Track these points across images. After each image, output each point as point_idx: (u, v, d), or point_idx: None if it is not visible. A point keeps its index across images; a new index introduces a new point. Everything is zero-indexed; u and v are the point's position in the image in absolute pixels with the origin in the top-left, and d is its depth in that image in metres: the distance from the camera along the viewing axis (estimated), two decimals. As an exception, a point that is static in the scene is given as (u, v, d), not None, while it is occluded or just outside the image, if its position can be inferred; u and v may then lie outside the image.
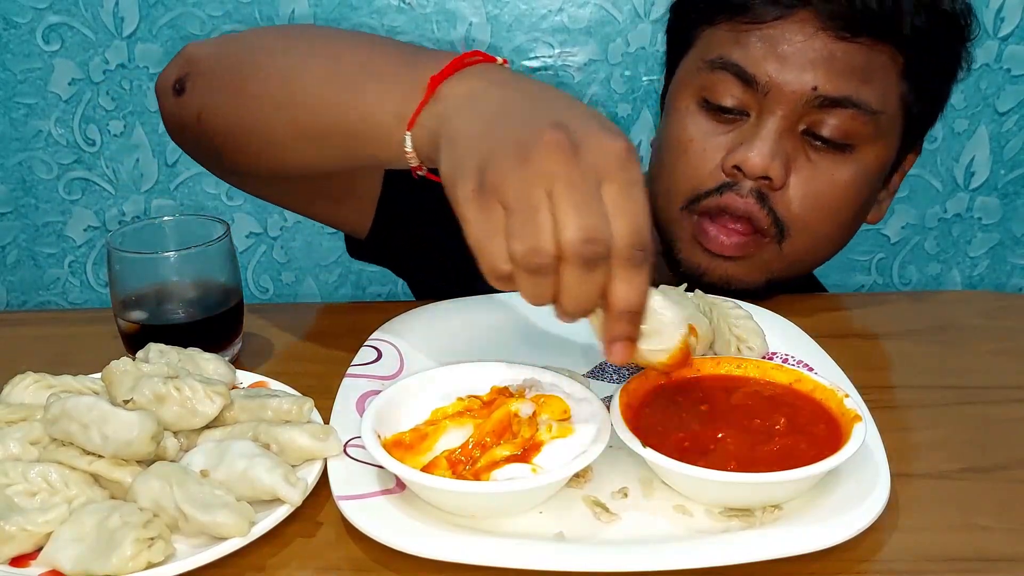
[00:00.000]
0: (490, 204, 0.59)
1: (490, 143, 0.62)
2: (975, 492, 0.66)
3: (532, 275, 0.58)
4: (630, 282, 0.59)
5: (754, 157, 0.90)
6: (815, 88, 0.90)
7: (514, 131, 0.61)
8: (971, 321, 0.95)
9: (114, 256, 0.81)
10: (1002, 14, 1.67)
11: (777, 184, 0.92)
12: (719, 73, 0.93)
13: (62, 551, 0.57)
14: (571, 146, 0.59)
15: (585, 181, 0.58)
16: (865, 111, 0.90)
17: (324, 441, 0.65)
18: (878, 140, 0.93)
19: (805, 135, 0.93)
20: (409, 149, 0.71)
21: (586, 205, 0.58)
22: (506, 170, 0.59)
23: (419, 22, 1.67)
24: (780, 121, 0.91)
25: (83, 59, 1.70)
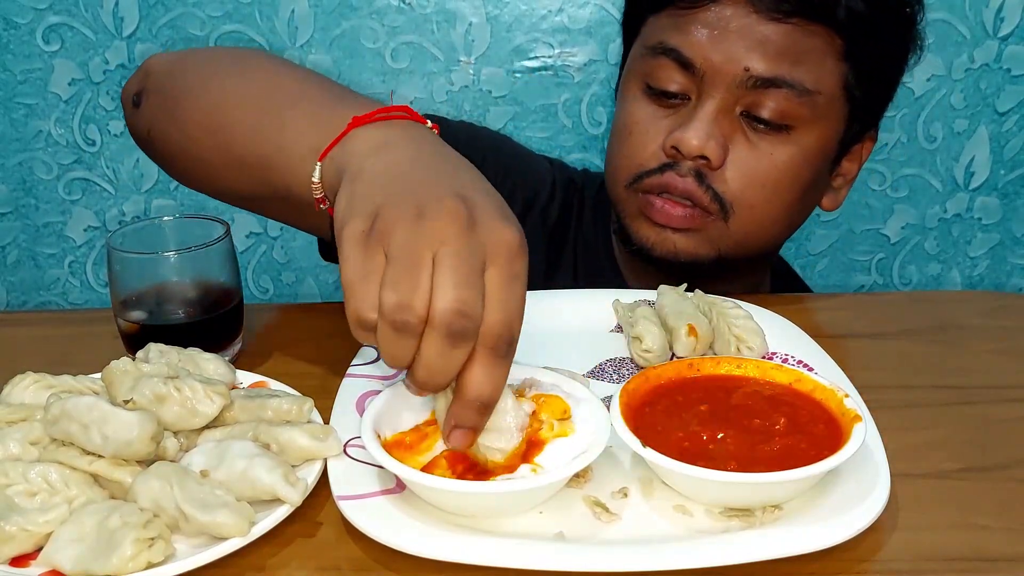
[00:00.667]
0: (373, 249, 0.59)
1: (391, 191, 0.62)
2: (975, 492, 0.66)
3: (394, 331, 0.57)
4: (489, 371, 0.59)
5: (690, 138, 0.93)
6: (747, 69, 0.92)
7: (418, 186, 0.61)
8: (971, 321, 0.95)
9: (114, 256, 0.81)
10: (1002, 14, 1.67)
11: (715, 163, 0.94)
12: (660, 59, 0.97)
13: (62, 551, 0.57)
14: (468, 220, 0.59)
15: (472, 257, 0.58)
16: (799, 91, 0.92)
17: (324, 441, 0.65)
18: (817, 121, 0.95)
19: (744, 117, 0.95)
20: (316, 179, 0.72)
21: (466, 279, 0.57)
22: (398, 220, 0.59)
23: (419, 22, 1.67)
24: (717, 103, 0.94)
25: (83, 59, 1.70)
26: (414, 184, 0.62)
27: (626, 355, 0.85)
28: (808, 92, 0.93)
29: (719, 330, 0.83)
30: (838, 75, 0.95)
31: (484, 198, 0.62)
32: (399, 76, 1.69)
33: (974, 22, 1.67)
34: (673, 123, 0.96)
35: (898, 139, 1.76)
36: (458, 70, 1.70)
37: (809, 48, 0.93)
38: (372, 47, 1.68)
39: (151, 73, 0.91)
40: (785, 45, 0.92)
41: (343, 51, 1.67)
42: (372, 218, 0.60)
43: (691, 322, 0.81)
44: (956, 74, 1.71)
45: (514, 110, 1.72)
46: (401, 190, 0.61)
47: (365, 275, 0.58)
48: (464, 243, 0.58)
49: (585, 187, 1.17)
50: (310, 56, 1.67)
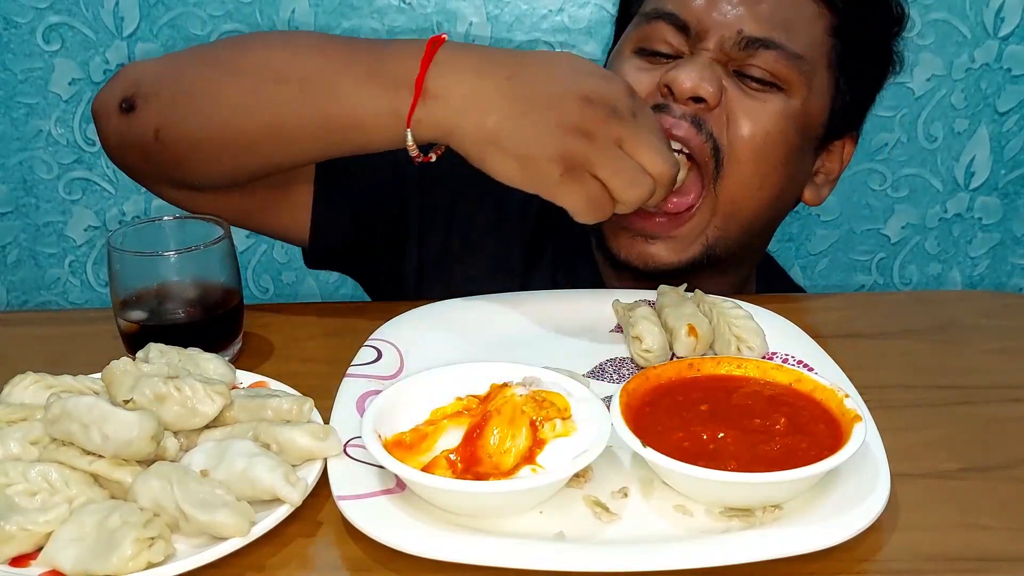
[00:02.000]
0: (581, 178, 0.77)
1: (542, 133, 0.77)
2: (975, 491, 0.66)
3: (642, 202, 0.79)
4: None
5: (683, 78, 0.93)
6: (740, 31, 0.94)
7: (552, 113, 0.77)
8: (971, 321, 0.94)
9: (114, 256, 0.81)
10: (1002, 14, 1.67)
11: (712, 102, 0.93)
12: (654, 23, 0.98)
13: (62, 551, 0.57)
14: (606, 109, 0.77)
15: (636, 127, 0.78)
16: (788, 53, 0.94)
17: (324, 441, 0.65)
18: (804, 87, 0.97)
19: (735, 75, 0.96)
20: (411, 142, 0.82)
21: (653, 144, 0.79)
22: (584, 151, 0.76)
23: (419, 22, 1.67)
24: (711, 55, 0.95)
25: (83, 59, 1.70)
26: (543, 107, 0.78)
27: (626, 355, 0.85)
28: (797, 56, 0.95)
29: (719, 330, 0.83)
30: (826, 48, 0.97)
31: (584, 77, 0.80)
32: (399, 76, 1.69)
33: (974, 22, 1.67)
34: (665, 71, 0.96)
35: (898, 139, 1.76)
36: (458, 70, 1.70)
37: (801, 16, 0.96)
38: (372, 47, 1.68)
39: (141, 80, 0.92)
40: (777, 9, 0.95)
41: (343, 51, 1.67)
42: (555, 162, 0.77)
43: (691, 322, 0.81)
44: (956, 74, 1.71)
45: (514, 110, 1.72)
46: (546, 120, 0.77)
47: (590, 196, 0.78)
48: (627, 128, 0.78)
49: None
50: (310, 56, 1.67)
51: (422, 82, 0.79)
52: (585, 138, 0.76)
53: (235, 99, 0.86)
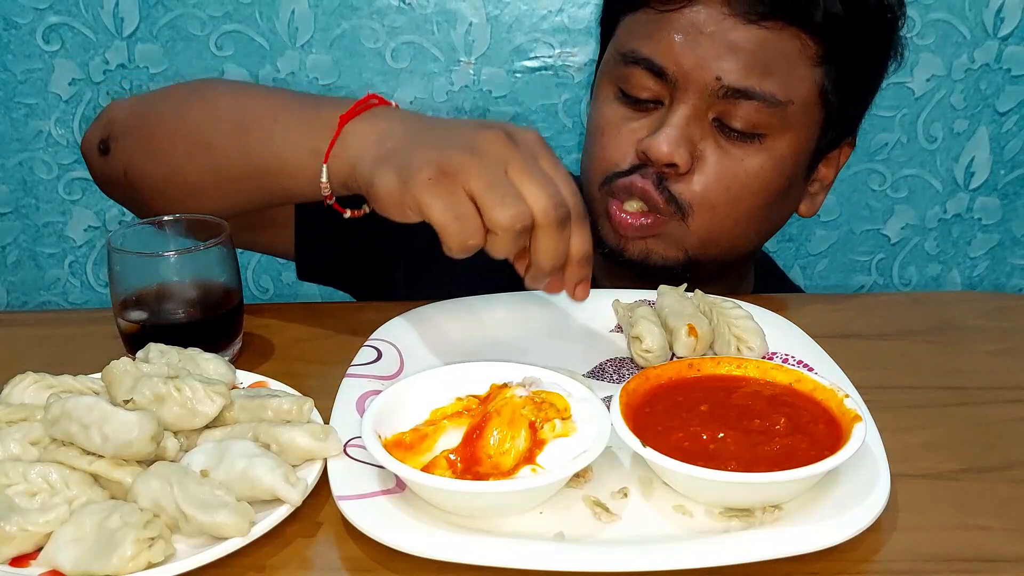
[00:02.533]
0: (450, 189, 0.71)
1: (430, 146, 0.74)
2: (974, 492, 0.66)
3: (515, 236, 0.71)
4: (582, 234, 0.75)
5: (660, 144, 0.92)
6: (718, 78, 0.91)
7: (448, 134, 0.75)
8: (971, 321, 0.95)
9: (114, 256, 0.81)
10: (1002, 14, 1.67)
11: (682, 169, 0.93)
12: (632, 67, 0.96)
13: (62, 551, 0.57)
14: (507, 137, 0.74)
15: (532, 160, 0.74)
16: (769, 103, 0.92)
17: (324, 441, 0.65)
18: (789, 130, 0.94)
19: (715, 124, 0.94)
20: (324, 180, 0.82)
21: (543, 179, 0.73)
22: (463, 160, 0.71)
23: (419, 22, 1.67)
24: (689, 109, 0.93)
25: (83, 59, 1.70)
26: (443, 134, 0.76)
27: (626, 355, 0.85)
28: (779, 103, 0.92)
29: (719, 330, 0.83)
30: (812, 82, 0.94)
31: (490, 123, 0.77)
32: (399, 76, 1.69)
33: (974, 22, 1.67)
34: (645, 127, 0.96)
35: (898, 139, 1.76)
36: (458, 70, 1.70)
37: (782, 55, 0.92)
38: (372, 47, 1.68)
39: (114, 120, 0.97)
40: (757, 53, 0.91)
41: (343, 51, 1.67)
42: (431, 166, 0.72)
43: (691, 322, 0.81)
44: (956, 74, 1.71)
45: (514, 110, 1.72)
46: (438, 141, 0.74)
47: (458, 211, 0.71)
48: (519, 155, 0.74)
49: None
50: (310, 56, 1.67)
51: (345, 122, 0.80)
52: (467, 151, 0.72)
53: (183, 145, 0.91)
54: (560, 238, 0.73)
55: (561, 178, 0.75)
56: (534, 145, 0.76)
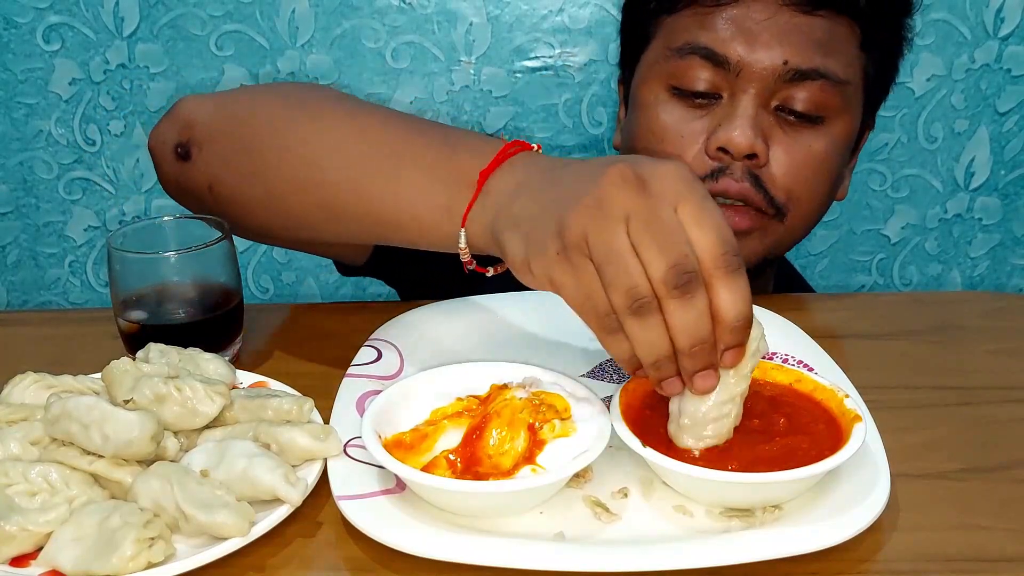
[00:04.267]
0: (576, 261, 0.60)
1: (557, 208, 0.61)
2: (975, 492, 0.66)
3: (638, 319, 0.58)
4: (731, 289, 0.59)
5: (738, 136, 0.91)
6: (786, 62, 0.91)
7: (576, 188, 0.61)
8: (971, 321, 0.95)
9: (114, 256, 0.81)
10: (1002, 14, 1.67)
11: (762, 160, 0.93)
12: (688, 59, 0.94)
13: (62, 551, 0.57)
14: (636, 178, 0.59)
15: (658, 211, 0.59)
16: (834, 81, 0.93)
17: (324, 441, 0.65)
18: (845, 111, 0.96)
19: (777, 111, 0.94)
20: (463, 245, 0.71)
21: (665, 235, 0.58)
22: (584, 222, 0.59)
23: (419, 22, 1.66)
24: (754, 98, 0.93)
25: (83, 59, 1.70)
26: (570, 190, 0.62)
27: (626, 355, 0.84)
28: (842, 82, 0.94)
29: (719, 330, 0.83)
30: (860, 65, 0.96)
31: (631, 159, 0.62)
32: (399, 76, 1.69)
33: (974, 22, 1.67)
34: (708, 124, 0.95)
35: (898, 139, 1.76)
36: (459, 70, 1.70)
37: (838, 39, 0.94)
38: (372, 47, 1.67)
39: (196, 122, 0.86)
40: (817, 36, 0.92)
41: (343, 51, 1.67)
42: (558, 237, 0.61)
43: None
44: (956, 74, 1.71)
45: (514, 110, 1.72)
46: (565, 199, 0.61)
47: (586, 290, 0.60)
48: (643, 203, 0.59)
49: None
50: (310, 56, 1.67)
51: (485, 179, 0.69)
52: (590, 210, 0.60)
53: (289, 171, 0.80)
54: (686, 306, 0.58)
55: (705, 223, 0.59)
56: (673, 185, 0.60)
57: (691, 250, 0.58)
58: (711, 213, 0.59)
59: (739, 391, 0.63)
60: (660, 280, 0.57)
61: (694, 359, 0.59)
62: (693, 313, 0.58)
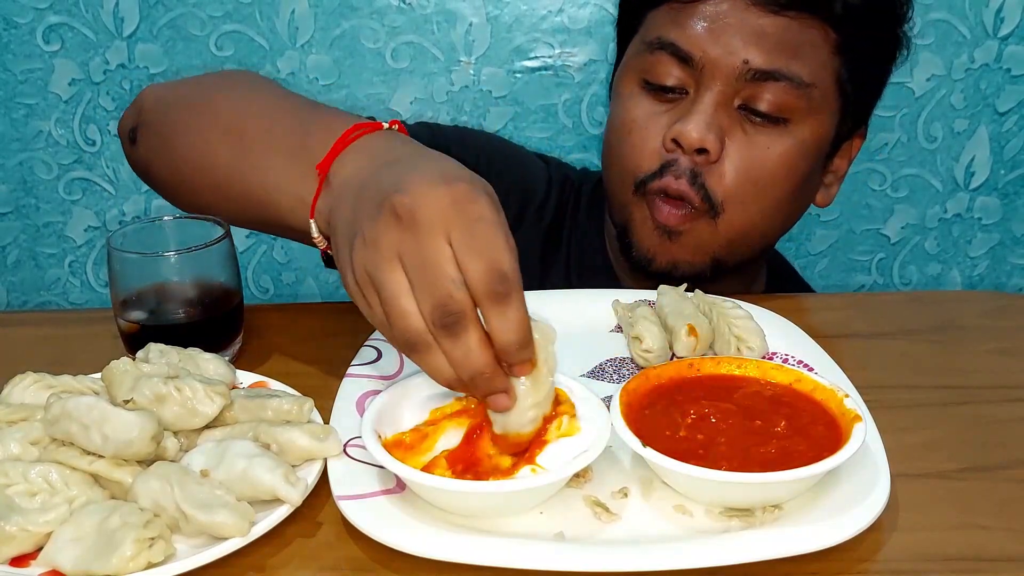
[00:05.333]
0: (368, 295, 0.63)
1: (352, 230, 0.63)
2: (975, 492, 0.66)
3: (418, 355, 0.61)
4: (500, 316, 0.59)
5: (690, 130, 0.93)
6: (746, 61, 0.92)
7: (370, 211, 0.62)
8: (971, 321, 0.95)
9: (114, 256, 0.81)
10: (1002, 14, 1.67)
11: (713, 156, 0.94)
12: (657, 54, 0.97)
13: (62, 551, 0.57)
14: (408, 213, 0.59)
15: (426, 245, 0.59)
16: (796, 83, 0.93)
17: (324, 441, 0.65)
18: (812, 114, 0.96)
19: (742, 110, 0.95)
20: (315, 234, 0.74)
21: (430, 275, 0.59)
22: (364, 261, 0.61)
23: (419, 22, 1.67)
24: (716, 95, 0.94)
25: (83, 59, 1.70)
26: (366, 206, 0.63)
27: (626, 355, 0.85)
28: (805, 85, 0.93)
29: (719, 330, 0.83)
30: (832, 69, 0.96)
31: (415, 177, 0.62)
32: (399, 76, 1.69)
33: (974, 22, 1.67)
34: (671, 118, 0.96)
35: (898, 139, 1.76)
36: (458, 70, 1.70)
37: (805, 41, 0.93)
38: (372, 47, 1.68)
39: (144, 108, 0.92)
40: (782, 38, 0.92)
41: (343, 51, 1.67)
42: (350, 267, 0.64)
43: (691, 322, 0.81)
44: (956, 74, 1.71)
45: (514, 110, 1.72)
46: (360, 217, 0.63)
47: (380, 320, 0.63)
48: (412, 240, 0.59)
49: (582, 185, 1.17)
50: (310, 56, 1.67)
51: (326, 172, 0.71)
52: (371, 248, 0.61)
53: (193, 153, 0.85)
54: (457, 343, 0.59)
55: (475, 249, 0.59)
56: (444, 212, 0.59)
57: (458, 284, 0.59)
58: (481, 237, 0.59)
59: (539, 398, 0.64)
60: (429, 320, 0.59)
61: (477, 387, 0.61)
62: (462, 350, 0.60)
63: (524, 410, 0.63)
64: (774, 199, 0.98)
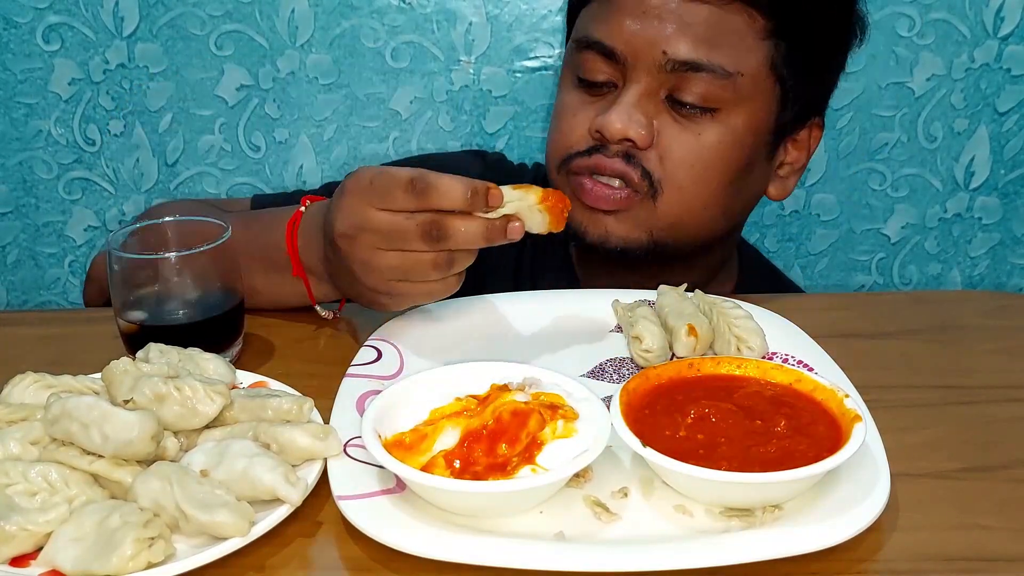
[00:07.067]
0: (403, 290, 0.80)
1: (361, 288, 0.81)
2: (975, 492, 0.66)
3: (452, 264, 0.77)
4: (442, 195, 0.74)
5: (612, 121, 0.93)
6: (665, 53, 0.92)
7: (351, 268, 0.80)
8: (971, 321, 0.94)
9: (114, 256, 0.81)
10: (1002, 14, 1.67)
11: (640, 144, 0.94)
12: (585, 52, 0.98)
13: (62, 551, 0.57)
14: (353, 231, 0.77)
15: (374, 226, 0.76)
16: (719, 74, 0.92)
17: (324, 441, 0.65)
18: (743, 102, 0.95)
19: (669, 101, 0.95)
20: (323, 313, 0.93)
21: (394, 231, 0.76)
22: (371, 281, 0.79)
23: (419, 22, 1.66)
24: (641, 87, 0.94)
25: (83, 59, 1.70)
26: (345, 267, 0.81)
27: (626, 355, 0.85)
28: (729, 74, 0.93)
29: (719, 330, 0.83)
30: (762, 55, 0.94)
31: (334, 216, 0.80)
32: (399, 76, 1.69)
33: (974, 22, 1.67)
34: (599, 109, 0.97)
35: (898, 139, 1.76)
36: (458, 70, 1.69)
37: (729, 28, 0.93)
38: (372, 47, 1.67)
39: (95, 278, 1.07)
40: (703, 27, 0.92)
41: (343, 51, 1.67)
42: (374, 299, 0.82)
43: (691, 322, 0.81)
44: (956, 74, 1.71)
45: (514, 110, 1.72)
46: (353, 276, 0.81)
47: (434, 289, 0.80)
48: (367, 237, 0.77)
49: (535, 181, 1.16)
50: (310, 55, 1.67)
51: (300, 268, 0.88)
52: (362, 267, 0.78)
53: None
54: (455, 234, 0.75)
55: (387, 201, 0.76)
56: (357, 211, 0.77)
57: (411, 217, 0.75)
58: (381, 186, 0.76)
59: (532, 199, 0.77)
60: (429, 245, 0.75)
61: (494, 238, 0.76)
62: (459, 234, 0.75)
63: (534, 214, 0.76)
64: (711, 186, 0.97)
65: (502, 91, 1.71)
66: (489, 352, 0.83)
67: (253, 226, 0.95)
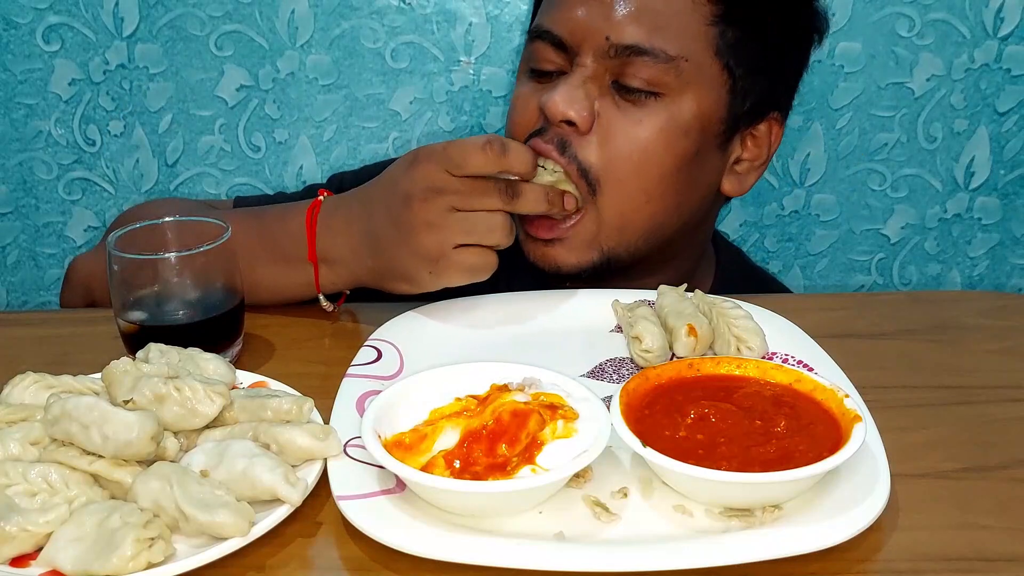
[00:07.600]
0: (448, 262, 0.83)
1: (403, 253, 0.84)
2: (975, 491, 0.66)
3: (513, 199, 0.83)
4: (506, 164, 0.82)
5: (556, 100, 0.93)
6: (607, 38, 0.92)
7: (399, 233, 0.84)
8: (971, 321, 0.94)
9: (114, 256, 0.81)
10: (1002, 14, 1.67)
11: (581, 127, 0.93)
12: (536, 42, 0.99)
13: (62, 551, 0.57)
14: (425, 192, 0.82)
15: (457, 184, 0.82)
16: (662, 58, 0.92)
17: (324, 441, 0.65)
18: (688, 89, 0.94)
19: (615, 87, 0.94)
20: (324, 303, 0.94)
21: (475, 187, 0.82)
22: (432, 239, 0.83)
23: (419, 22, 1.67)
24: (586, 71, 0.94)
25: (83, 59, 1.70)
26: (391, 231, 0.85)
27: (626, 355, 0.85)
28: (671, 58, 0.92)
29: (719, 330, 0.83)
30: (706, 40, 0.94)
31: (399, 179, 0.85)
32: (399, 76, 1.69)
33: (974, 22, 1.67)
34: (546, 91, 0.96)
35: (897, 139, 1.76)
36: (458, 70, 1.70)
37: (672, 12, 0.93)
38: (372, 47, 1.67)
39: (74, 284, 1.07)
40: (646, 12, 0.92)
41: (343, 51, 1.67)
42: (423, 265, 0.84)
43: (691, 322, 0.81)
44: (956, 74, 1.71)
45: (514, 110, 1.72)
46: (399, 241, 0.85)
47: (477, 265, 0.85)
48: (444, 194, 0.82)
49: None
50: (310, 56, 1.67)
51: (315, 254, 0.90)
52: (427, 229, 0.82)
53: None
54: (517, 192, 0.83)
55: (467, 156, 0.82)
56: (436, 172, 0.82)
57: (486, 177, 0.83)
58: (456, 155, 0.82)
59: None
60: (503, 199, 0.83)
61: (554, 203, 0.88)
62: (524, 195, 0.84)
63: None
64: (652, 176, 0.94)
65: (502, 91, 1.71)
66: (489, 352, 0.83)
67: (264, 217, 0.96)
